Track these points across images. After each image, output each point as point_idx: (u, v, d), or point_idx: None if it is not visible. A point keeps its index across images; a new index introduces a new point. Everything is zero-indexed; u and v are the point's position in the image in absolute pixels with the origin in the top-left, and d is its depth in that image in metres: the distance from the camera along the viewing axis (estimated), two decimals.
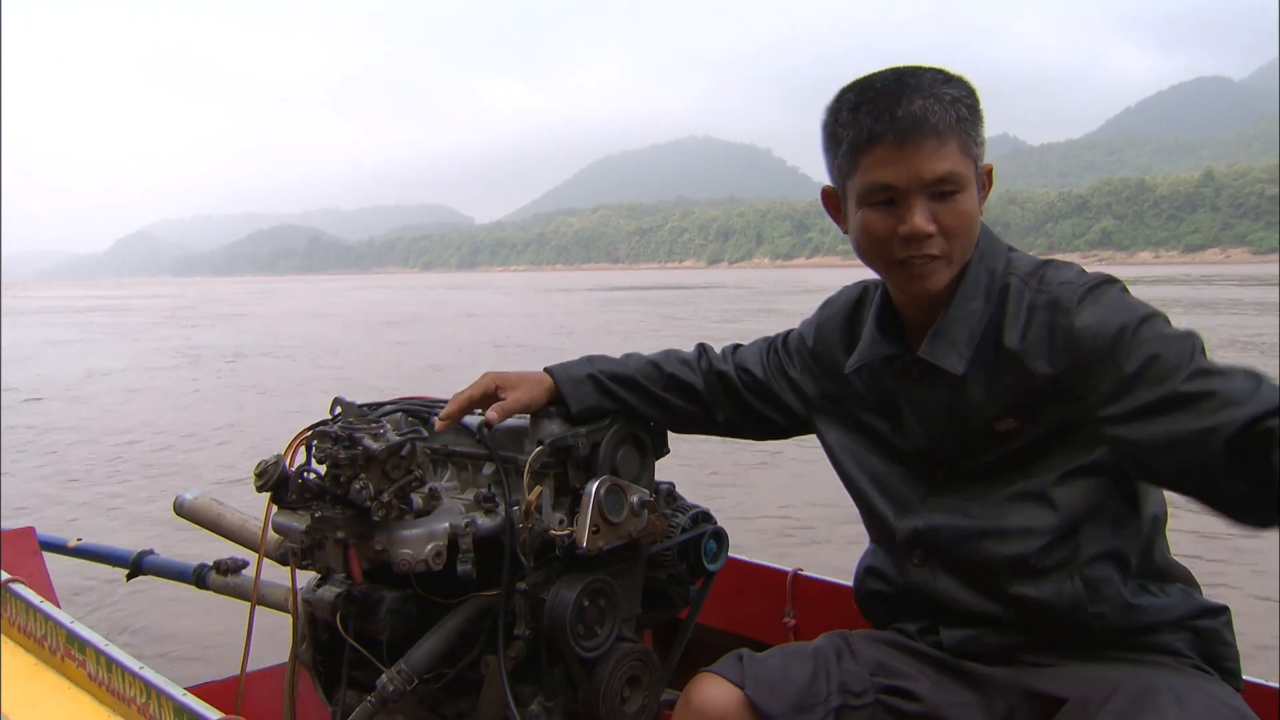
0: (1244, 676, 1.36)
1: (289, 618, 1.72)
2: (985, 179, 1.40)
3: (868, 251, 1.38)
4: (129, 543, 2.27)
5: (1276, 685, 1.50)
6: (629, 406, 1.68)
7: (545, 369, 1.68)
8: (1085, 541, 1.35)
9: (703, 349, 1.75)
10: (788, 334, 1.70)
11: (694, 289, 54.73)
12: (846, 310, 1.60)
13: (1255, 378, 1.16)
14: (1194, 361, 1.20)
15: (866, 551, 1.60)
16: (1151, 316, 1.26)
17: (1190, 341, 1.23)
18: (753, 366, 1.68)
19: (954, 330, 1.38)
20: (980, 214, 1.38)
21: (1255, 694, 1.29)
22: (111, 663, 1.59)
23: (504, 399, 1.62)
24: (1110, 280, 1.33)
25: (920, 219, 1.31)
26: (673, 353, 1.74)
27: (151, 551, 2.01)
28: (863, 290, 1.60)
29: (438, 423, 1.64)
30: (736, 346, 1.74)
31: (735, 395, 1.69)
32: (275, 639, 1.90)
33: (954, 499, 1.43)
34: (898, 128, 1.29)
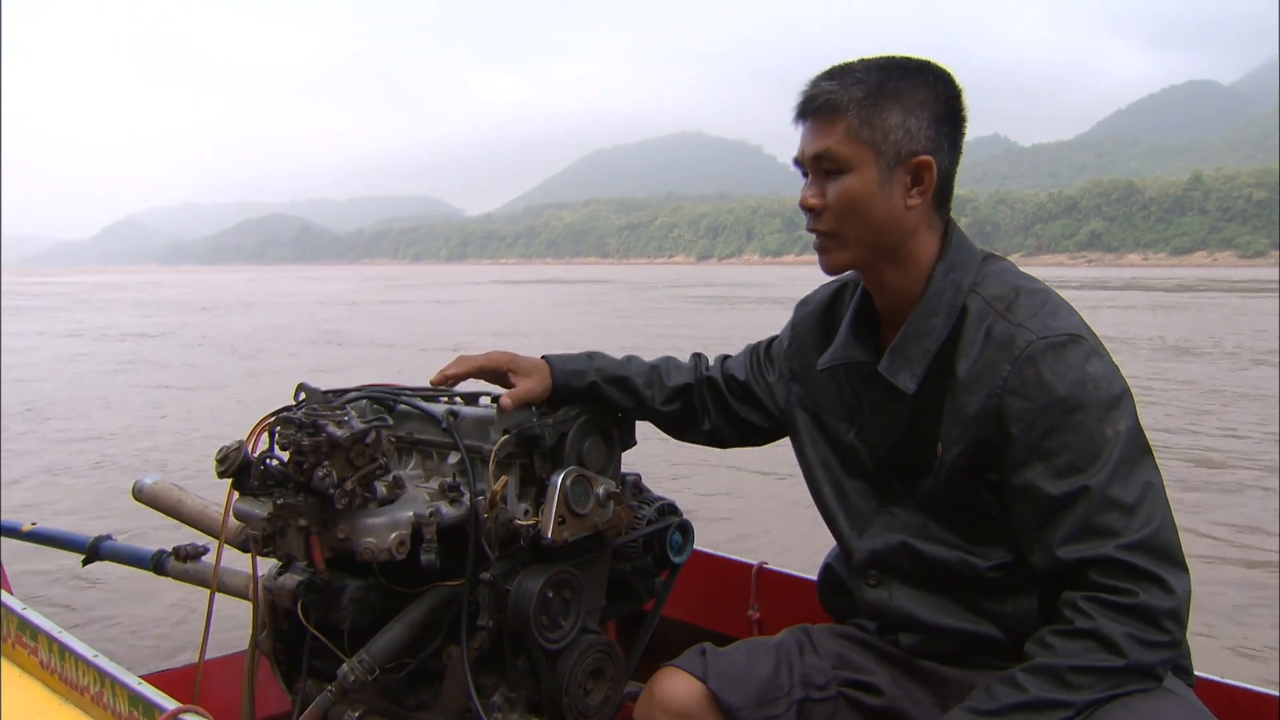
0: (1195, 673, 1.36)
1: (249, 605, 1.70)
2: (919, 172, 1.34)
3: None
4: None
5: (1224, 680, 1.51)
6: (619, 408, 1.67)
7: (544, 357, 1.66)
8: None
9: (698, 359, 1.74)
10: (771, 339, 1.70)
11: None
12: (821, 309, 1.60)
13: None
14: (1097, 470, 1.22)
15: (830, 550, 1.60)
16: (1088, 405, 1.24)
17: (1114, 446, 1.23)
18: (737, 372, 1.68)
19: (910, 347, 1.37)
20: (902, 205, 1.34)
21: (1204, 690, 1.29)
22: (64, 650, 1.56)
23: (515, 384, 1.61)
24: (1076, 338, 1.28)
25: (806, 192, 1.38)
26: (672, 360, 1.73)
27: (109, 537, 1.99)
28: (840, 287, 1.59)
29: (435, 376, 1.63)
30: (726, 356, 1.74)
31: (722, 403, 1.68)
32: (235, 625, 1.87)
33: (910, 514, 1.43)
34: (800, 107, 1.38)
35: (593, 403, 1.65)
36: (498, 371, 1.62)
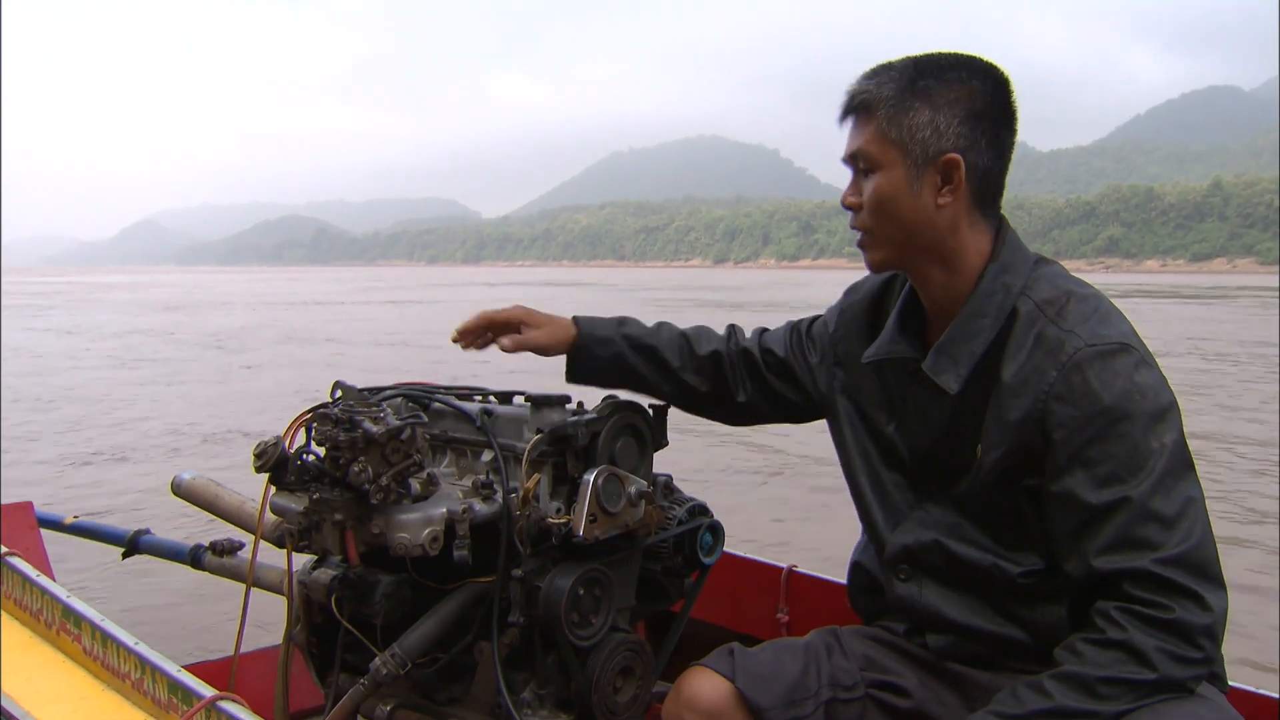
0: (1230, 683, 1.35)
1: (284, 600, 1.72)
2: (948, 170, 1.32)
3: None
4: None
5: (1259, 691, 1.50)
6: (643, 379, 1.67)
7: (574, 318, 1.67)
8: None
9: (732, 329, 1.74)
10: (814, 319, 1.69)
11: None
12: (870, 298, 1.58)
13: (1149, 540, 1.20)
14: (1140, 481, 1.21)
15: (858, 544, 1.60)
16: (1135, 415, 1.23)
17: (1158, 458, 1.22)
18: (775, 347, 1.68)
19: (957, 347, 1.36)
20: (932, 204, 1.33)
21: (1238, 699, 1.28)
22: (107, 637, 1.59)
23: (524, 334, 1.63)
24: (1126, 348, 1.27)
25: (846, 191, 1.41)
26: (704, 329, 1.73)
27: (148, 531, 2.02)
28: (890, 278, 1.57)
29: (455, 332, 1.65)
30: (764, 330, 1.73)
31: (757, 375, 1.68)
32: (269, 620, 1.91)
33: (945, 511, 1.42)
34: (842, 107, 1.40)
35: (618, 371, 1.66)
36: (510, 324, 1.64)
